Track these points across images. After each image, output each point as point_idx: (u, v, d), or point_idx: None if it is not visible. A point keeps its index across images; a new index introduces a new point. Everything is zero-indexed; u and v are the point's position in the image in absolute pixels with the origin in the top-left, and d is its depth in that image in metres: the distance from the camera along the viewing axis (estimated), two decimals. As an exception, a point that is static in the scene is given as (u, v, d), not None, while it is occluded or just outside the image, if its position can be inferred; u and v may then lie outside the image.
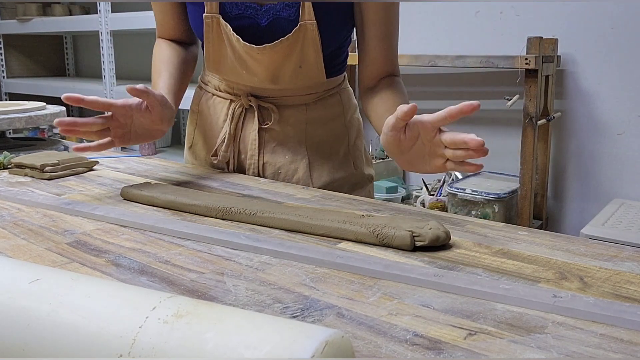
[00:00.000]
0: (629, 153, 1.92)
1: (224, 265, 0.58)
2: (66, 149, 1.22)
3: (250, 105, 0.97)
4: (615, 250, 0.61)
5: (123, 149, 2.91)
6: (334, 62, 0.97)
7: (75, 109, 3.76)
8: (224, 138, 0.99)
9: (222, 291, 0.51)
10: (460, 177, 2.10)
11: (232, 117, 0.98)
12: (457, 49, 2.16)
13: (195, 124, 1.07)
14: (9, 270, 0.41)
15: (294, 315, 0.47)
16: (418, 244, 0.61)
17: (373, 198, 1.05)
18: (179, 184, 0.91)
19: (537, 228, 1.29)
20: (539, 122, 1.81)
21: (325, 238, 0.65)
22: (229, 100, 1.00)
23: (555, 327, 0.45)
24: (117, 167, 1.05)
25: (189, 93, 1.04)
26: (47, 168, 0.94)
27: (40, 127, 3.21)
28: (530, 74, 1.78)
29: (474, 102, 0.62)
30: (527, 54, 1.76)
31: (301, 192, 0.86)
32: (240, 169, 1.01)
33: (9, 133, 2.32)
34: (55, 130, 3.22)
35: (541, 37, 1.77)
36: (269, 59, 0.89)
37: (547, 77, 1.89)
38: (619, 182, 1.95)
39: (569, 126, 2.02)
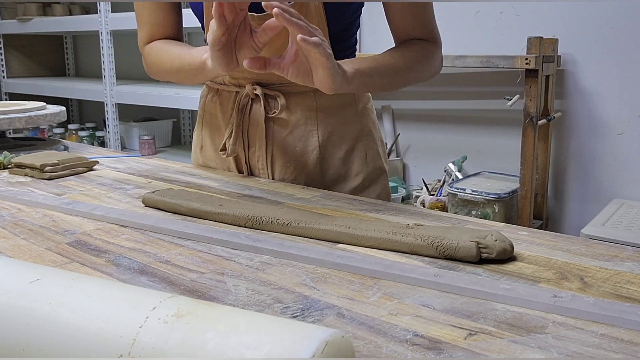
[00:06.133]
0: (629, 153, 1.91)
1: (224, 265, 0.58)
2: (66, 148, 1.22)
3: (256, 95, 0.94)
4: (616, 250, 0.61)
5: (123, 148, 2.91)
6: (341, 46, 0.93)
7: (75, 109, 3.76)
8: (231, 131, 0.96)
9: (222, 291, 0.51)
10: (460, 177, 2.10)
11: (238, 108, 0.95)
12: (457, 49, 2.16)
13: (202, 124, 1.05)
14: (9, 270, 0.41)
15: (294, 315, 0.47)
16: (484, 255, 0.57)
17: (389, 193, 1.02)
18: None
19: (537, 228, 1.29)
20: (539, 122, 1.81)
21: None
22: (234, 92, 0.97)
23: (556, 327, 0.45)
24: (117, 167, 1.05)
25: (196, 93, 1.02)
26: (47, 168, 0.94)
27: (40, 127, 3.21)
28: (531, 74, 1.78)
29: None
30: (527, 54, 1.76)
31: (301, 192, 0.86)
32: (250, 162, 0.98)
33: (9, 133, 2.32)
34: (55, 130, 3.22)
35: (541, 37, 1.77)
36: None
37: (547, 77, 1.89)
38: (619, 182, 1.95)
39: (569, 126, 2.02)
